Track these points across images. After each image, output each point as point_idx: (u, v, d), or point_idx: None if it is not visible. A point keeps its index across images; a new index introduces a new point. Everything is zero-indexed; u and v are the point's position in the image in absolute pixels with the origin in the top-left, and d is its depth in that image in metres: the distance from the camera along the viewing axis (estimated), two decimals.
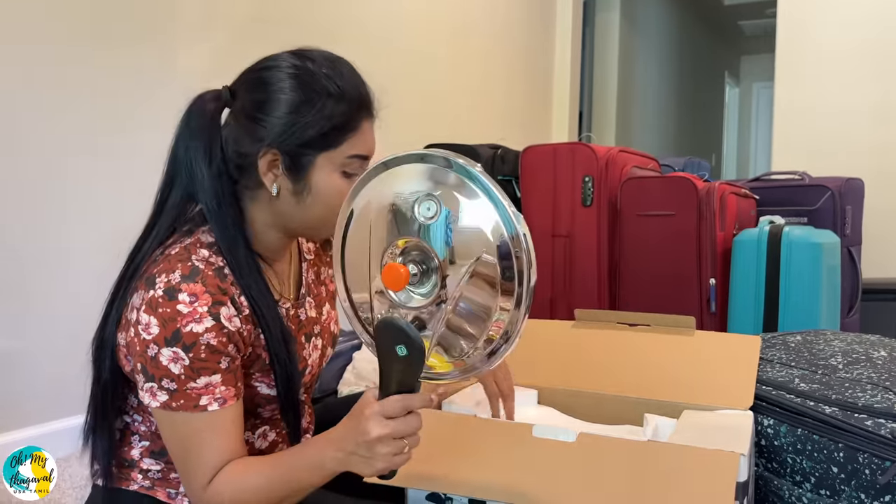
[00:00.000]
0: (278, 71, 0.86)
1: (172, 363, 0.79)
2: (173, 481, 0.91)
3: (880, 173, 2.84)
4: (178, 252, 0.84)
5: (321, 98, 0.84)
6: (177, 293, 0.80)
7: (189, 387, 0.80)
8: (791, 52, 3.09)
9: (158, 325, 0.79)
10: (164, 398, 0.80)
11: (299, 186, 0.86)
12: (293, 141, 0.83)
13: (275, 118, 0.83)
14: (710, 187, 1.93)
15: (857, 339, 1.31)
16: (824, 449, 1.00)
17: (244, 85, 0.89)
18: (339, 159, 0.86)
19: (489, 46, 3.21)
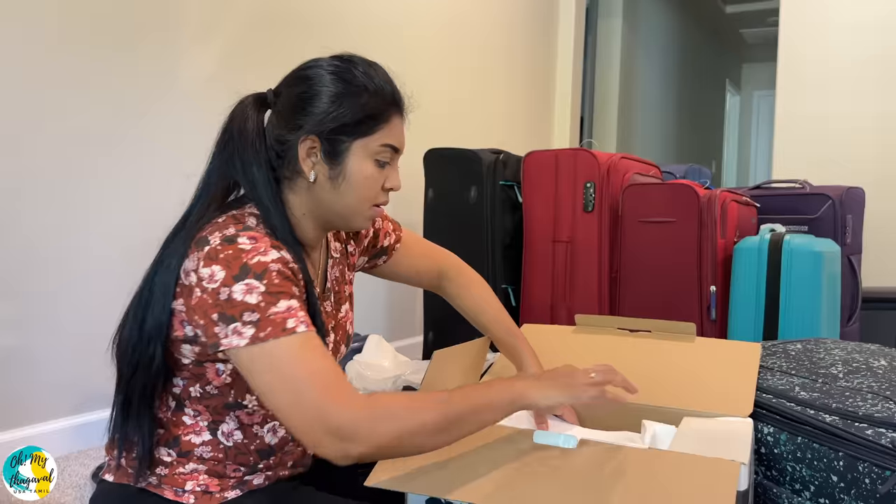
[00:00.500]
0: (318, 69, 0.94)
1: (248, 295, 0.80)
2: (179, 478, 0.91)
3: (881, 182, 2.85)
4: (225, 219, 0.88)
5: (357, 91, 0.92)
6: (235, 238, 0.83)
7: (271, 312, 0.80)
8: (793, 60, 3.10)
9: (223, 268, 0.81)
10: (251, 331, 0.79)
11: (335, 172, 0.92)
12: (331, 126, 0.90)
13: (315, 108, 0.91)
14: (712, 195, 1.93)
15: (857, 348, 1.31)
16: (824, 457, 1.00)
17: (286, 83, 0.96)
18: (372, 147, 0.93)
19: (491, 52, 3.21)
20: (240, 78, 1.94)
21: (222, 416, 0.91)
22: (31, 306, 1.53)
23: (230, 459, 0.92)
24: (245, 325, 0.79)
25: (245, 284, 0.80)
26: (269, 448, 0.95)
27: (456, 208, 2.24)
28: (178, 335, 0.87)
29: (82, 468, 1.48)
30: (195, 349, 0.88)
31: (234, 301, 0.80)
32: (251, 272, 0.80)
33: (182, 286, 0.85)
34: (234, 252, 0.82)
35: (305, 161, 0.92)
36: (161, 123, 1.76)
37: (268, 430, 0.94)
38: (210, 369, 0.89)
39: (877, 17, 2.93)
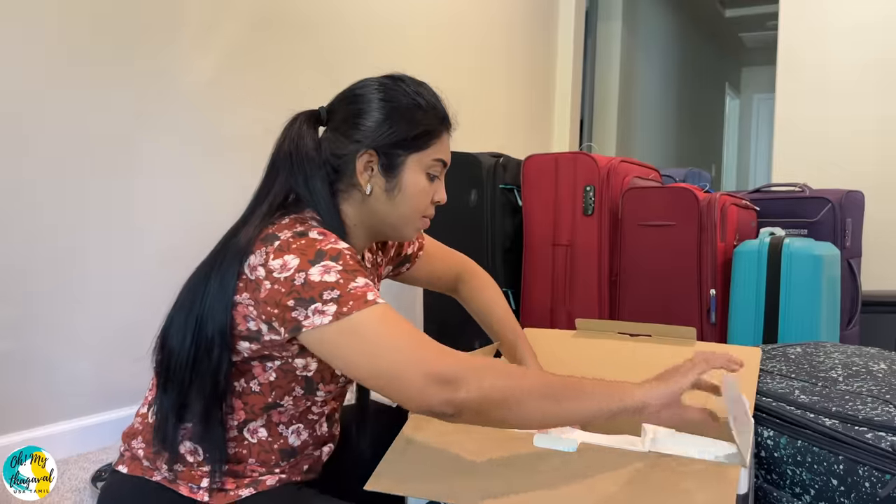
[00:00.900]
0: (371, 87, 0.99)
1: (326, 274, 0.83)
2: (196, 474, 0.92)
3: (880, 186, 2.85)
4: (290, 221, 0.91)
5: (412, 108, 0.98)
6: (306, 232, 0.88)
7: (351, 287, 0.83)
8: (792, 64, 3.10)
9: (297, 256, 0.84)
10: (333, 308, 0.82)
11: (391, 184, 0.98)
12: (388, 141, 0.96)
13: (372, 123, 0.96)
14: (712, 198, 1.93)
15: (857, 352, 1.31)
16: (824, 461, 1.00)
17: (341, 102, 1.00)
18: (425, 161, 0.99)
19: (490, 55, 3.22)
20: (240, 80, 1.95)
21: (256, 416, 0.93)
22: (31, 308, 1.53)
23: (253, 456, 0.94)
24: (326, 304, 0.82)
25: (322, 266, 0.83)
26: (292, 449, 0.97)
27: (456, 212, 2.25)
28: (241, 330, 0.88)
29: (82, 472, 1.48)
30: (252, 347, 0.89)
31: (311, 283, 0.82)
32: (326, 255, 0.85)
33: (246, 281, 0.87)
34: (307, 242, 0.86)
35: (362, 174, 0.96)
36: (161, 125, 1.76)
37: (292, 431, 0.96)
38: (257, 367, 0.91)
39: (876, 21, 2.93)
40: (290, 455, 0.97)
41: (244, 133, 1.94)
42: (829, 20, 3.02)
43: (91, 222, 1.63)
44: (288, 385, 0.93)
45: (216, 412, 0.90)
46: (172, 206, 1.79)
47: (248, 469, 0.94)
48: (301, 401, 0.96)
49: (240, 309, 0.88)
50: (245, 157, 1.92)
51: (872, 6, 2.94)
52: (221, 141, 1.90)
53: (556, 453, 0.88)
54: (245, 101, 1.96)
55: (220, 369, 0.88)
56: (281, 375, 0.92)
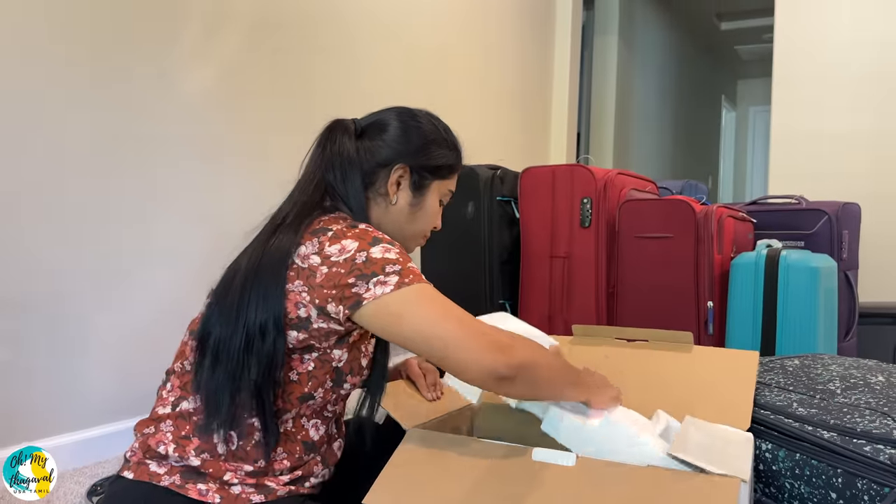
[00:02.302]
0: (411, 116, 1.11)
1: (387, 252, 0.91)
2: (223, 468, 0.93)
3: (877, 198, 2.86)
4: (335, 216, 0.99)
5: (448, 143, 1.12)
6: (357, 224, 0.97)
7: (410, 266, 0.92)
8: (787, 76, 3.12)
9: (355, 240, 0.92)
10: (395, 279, 0.89)
11: (416, 201, 1.09)
12: (423, 163, 1.08)
13: (411, 144, 1.08)
14: (708, 210, 1.94)
15: (854, 364, 1.31)
16: (823, 474, 1.00)
17: (377, 121, 1.10)
18: (443, 189, 1.13)
19: (487, 68, 3.23)
20: (248, 80, 1.95)
21: (292, 407, 0.97)
22: (29, 321, 1.52)
23: (280, 445, 0.97)
24: (388, 276, 0.89)
25: (382, 246, 0.92)
26: (312, 443, 1.00)
27: (453, 224, 2.25)
28: (291, 318, 0.92)
29: (77, 486, 1.47)
30: (299, 336, 0.93)
31: (373, 259, 0.90)
32: (383, 240, 0.93)
33: (297, 270, 0.92)
34: (362, 231, 0.94)
35: (392, 185, 1.07)
36: (161, 134, 1.77)
37: (312, 424, 1.01)
38: (296, 359, 0.95)
39: (871, 35, 2.95)
40: (312, 449, 1.01)
41: (245, 137, 1.94)
42: (825, 33, 3.04)
43: (91, 231, 1.63)
44: (323, 376, 0.97)
45: (268, 393, 0.93)
46: (174, 217, 1.79)
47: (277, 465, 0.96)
48: (329, 393, 1.00)
49: (291, 297, 0.92)
50: (247, 160, 1.92)
51: (867, 19, 2.96)
52: (222, 144, 1.90)
53: (555, 467, 0.88)
54: (246, 104, 1.96)
55: (276, 351, 0.92)
56: (318, 366, 0.96)
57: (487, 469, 0.90)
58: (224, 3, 1.92)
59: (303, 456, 0.99)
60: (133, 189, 1.71)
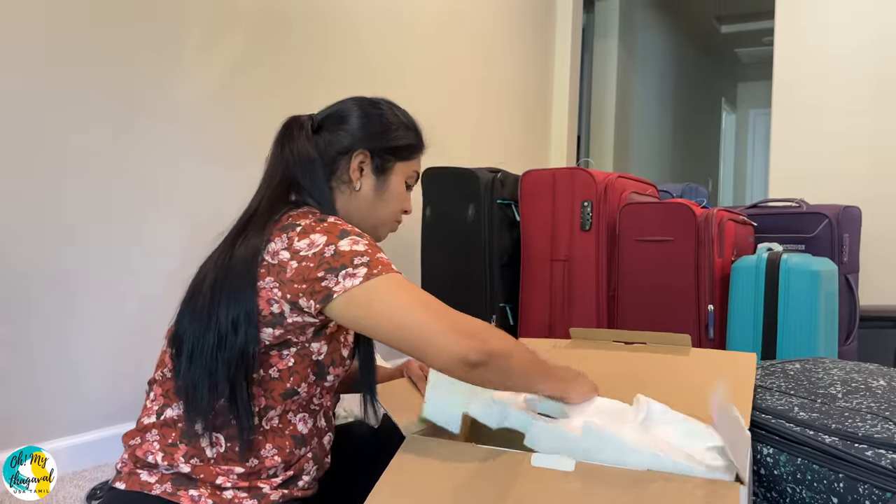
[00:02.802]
0: (366, 103, 1.11)
1: (355, 245, 0.91)
2: (214, 472, 0.92)
3: (877, 201, 2.86)
4: (303, 211, 0.99)
5: (406, 124, 1.13)
6: (325, 218, 0.96)
7: (378, 256, 0.91)
8: (788, 79, 3.12)
9: (323, 234, 0.92)
10: (364, 270, 0.89)
11: (380, 184, 1.09)
12: (383, 145, 1.09)
13: (369, 129, 1.08)
14: (709, 214, 1.94)
15: (855, 368, 1.31)
16: (824, 479, 0.99)
17: (334, 112, 1.11)
18: (408, 171, 1.13)
19: (488, 71, 3.23)
20: (250, 79, 1.95)
21: (276, 404, 0.97)
22: (28, 326, 1.52)
23: (269, 441, 0.97)
24: (357, 268, 0.89)
25: (350, 239, 0.92)
26: (301, 436, 1.00)
27: (454, 226, 2.25)
28: (265, 315, 0.92)
29: (77, 490, 1.46)
30: (275, 332, 0.93)
31: (341, 252, 0.90)
32: (352, 233, 0.93)
33: (268, 266, 0.92)
34: (330, 224, 0.94)
35: (354, 172, 1.07)
36: (161, 139, 1.76)
37: (299, 419, 1.00)
38: (275, 356, 0.95)
39: (871, 37, 2.95)
40: (301, 443, 1.00)
41: (247, 138, 1.94)
42: (825, 36, 3.04)
43: (92, 234, 1.62)
44: (304, 370, 0.97)
45: (242, 388, 0.93)
46: (175, 222, 1.79)
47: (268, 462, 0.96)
48: (313, 387, 1.00)
49: (263, 294, 0.92)
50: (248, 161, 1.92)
51: (867, 22, 2.96)
52: (223, 145, 1.90)
53: (554, 473, 0.88)
54: (248, 105, 1.96)
55: (248, 342, 0.92)
56: (298, 360, 0.96)
57: (486, 476, 0.89)
58: (227, 5, 1.92)
59: (293, 451, 0.99)
60: (134, 191, 1.71)
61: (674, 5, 5.65)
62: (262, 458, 0.96)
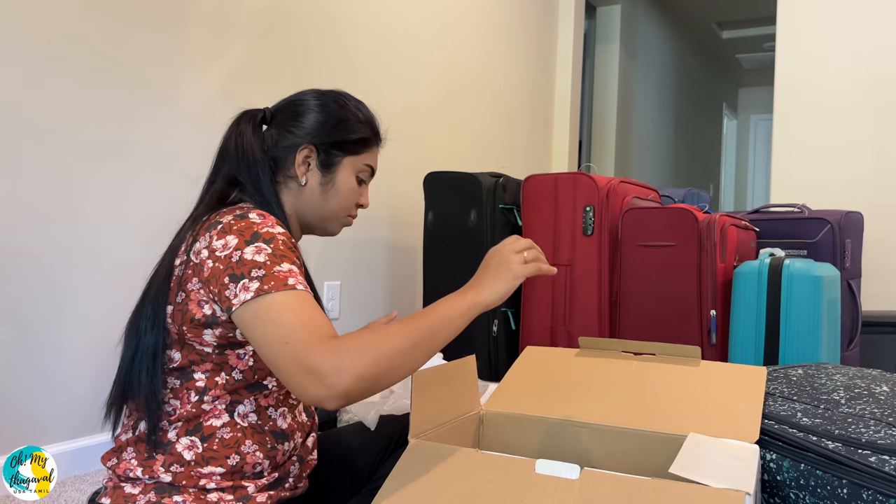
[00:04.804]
0: (318, 93, 1.11)
1: (256, 255, 0.89)
2: (196, 475, 0.92)
3: (879, 207, 2.86)
4: (231, 209, 0.97)
5: (354, 117, 1.10)
6: (246, 214, 0.94)
7: (276, 270, 0.88)
8: (790, 85, 3.12)
9: (236, 236, 0.91)
10: (256, 285, 0.86)
11: (326, 180, 1.08)
12: (329, 140, 1.07)
13: (316, 123, 1.08)
14: (711, 219, 1.94)
15: (858, 374, 1.31)
16: (828, 485, 0.99)
17: (287, 104, 1.11)
18: (358, 165, 1.11)
19: (490, 76, 3.24)
20: (250, 85, 1.95)
21: (242, 397, 0.96)
22: (29, 329, 1.52)
23: (248, 437, 0.96)
24: (252, 280, 0.86)
25: (255, 247, 0.89)
26: (282, 432, 0.99)
27: (456, 231, 2.25)
28: (198, 318, 0.92)
29: (78, 494, 1.46)
30: (216, 332, 0.92)
31: (244, 260, 0.88)
32: (261, 238, 0.90)
33: (193, 266, 0.92)
34: (247, 224, 0.92)
35: (300, 167, 1.07)
36: (165, 141, 1.77)
37: (279, 413, 1.00)
38: (231, 356, 0.94)
39: (873, 43, 2.96)
40: (283, 438, 0.99)
41: None
42: (826, 42, 3.05)
43: (94, 238, 1.63)
44: (266, 366, 0.96)
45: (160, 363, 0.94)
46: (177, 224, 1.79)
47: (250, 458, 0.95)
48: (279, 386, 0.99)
49: (192, 296, 0.92)
50: None
51: (869, 28, 2.97)
52: None
53: (558, 480, 0.88)
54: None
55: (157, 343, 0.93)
56: (258, 358, 0.95)
57: (489, 482, 0.89)
58: (228, 8, 1.93)
59: (275, 446, 0.98)
60: (134, 193, 1.71)
61: (675, 11, 5.66)
62: (243, 454, 0.95)
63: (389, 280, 2.62)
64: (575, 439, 1.13)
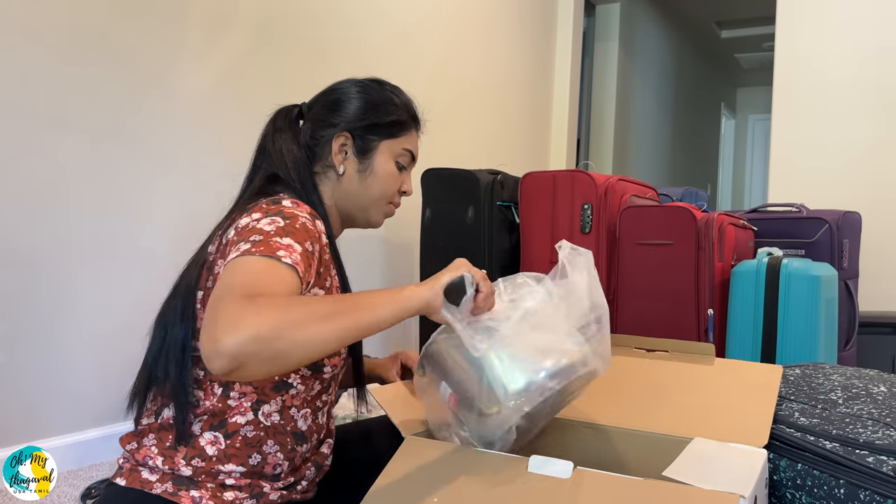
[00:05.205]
0: (352, 82, 1.09)
1: (267, 225, 0.87)
2: (216, 471, 0.92)
3: (877, 207, 2.86)
4: (267, 199, 0.96)
5: (388, 100, 1.08)
6: (280, 200, 0.93)
7: (273, 240, 0.84)
8: (789, 85, 3.12)
9: (262, 213, 0.90)
10: (246, 247, 0.82)
11: (363, 166, 1.06)
12: (364, 124, 1.06)
13: (349, 110, 1.06)
14: (709, 218, 1.93)
15: (856, 374, 1.30)
16: (825, 485, 0.99)
17: (321, 95, 1.10)
18: (396, 149, 1.08)
19: (488, 74, 3.23)
20: (251, 79, 1.95)
21: (268, 398, 0.95)
22: (23, 324, 1.51)
23: (271, 438, 0.95)
24: (245, 243, 0.83)
25: (271, 219, 0.88)
26: (301, 433, 0.99)
27: (453, 228, 2.24)
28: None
29: (71, 489, 1.45)
30: None
31: (254, 228, 0.86)
32: (281, 213, 0.89)
33: (221, 249, 0.91)
34: (277, 207, 0.91)
35: (337, 155, 1.05)
36: (159, 137, 1.76)
37: (302, 414, 0.99)
38: None
39: (872, 43, 2.95)
40: (302, 440, 0.99)
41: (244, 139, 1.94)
42: (825, 42, 3.05)
43: (91, 233, 1.62)
44: None
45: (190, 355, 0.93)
46: (175, 220, 1.78)
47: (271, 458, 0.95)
48: (310, 380, 0.98)
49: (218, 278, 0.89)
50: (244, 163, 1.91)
51: (868, 28, 2.97)
52: (219, 148, 1.90)
53: (550, 479, 0.87)
54: (247, 108, 1.96)
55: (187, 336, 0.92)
56: None
57: (482, 480, 0.88)
58: (227, 5, 1.92)
59: (295, 447, 0.98)
60: (131, 189, 1.70)
61: (674, 10, 5.65)
62: (264, 454, 0.95)
63: (386, 277, 2.61)
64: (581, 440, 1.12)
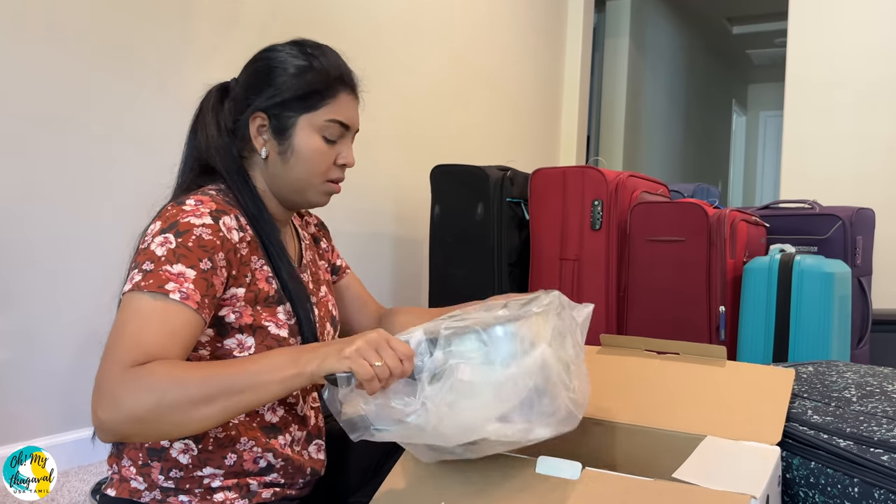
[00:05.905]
0: (269, 52, 1.00)
1: (160, 247, 0.84)
2: (196, 479, 0.91)
3: (891, 204, 2.83)
4: (186, 196, 0.92)
5: (302, 69, 0.96)
6: (185, 200, 0.89)
7: (164, 268, 0.82)
8: (801, 81, 3.09)
9: (161, 223, 0.87)
10: (139, 278, 0.82)
11: (284, 147, 0.97)
12: (277, 101, 0.95)
13: (263, 86, 0.96)
14: (721, 214, 1.92)
15: (870, 372, 1.29)
16: (838, 483, 0.98)
17: (244, 69, 1.02)
18: (318, 122, 0.97)
19: (499, 69, 3.22)
20: None
21: None
22: (27, 319, 1.52)
23: (242, 434, 0.93)
24: (138, 273, 0.82)
25: (164, 237, 0.84)
26: (272, 426, 0.96)
27: (462, 225, 2.23)
28: None
29: (81, 484, 1.46)
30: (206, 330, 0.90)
31: (148, 250, 0.84)
32: (175, 228, 0.85)
33: (131, 265, 0.89)
34: (176, 212, 0.87)
35: (257, 138, 0.97)
36: (160, 137, 1.76)
37: (268, 409, 0.96)
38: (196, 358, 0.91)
39: (885, 39, 2.93)
40: (275, 431, 0.96)
41: None
42: (838, 38, 3.02)
43: (91, 231, 1.62)
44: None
45: None
46: None
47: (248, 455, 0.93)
48: None
49: None
50: None
51: (881, 24, 2.94)
52: None
53: (558, 480, 0.86)
54: None
55: None
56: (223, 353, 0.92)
57: (490, 482, 0.88)
58: (232, 4, 1.92)
59: (269, 439, 0.95)
60: (130, 187, 1.71)
61: (685, 5, 5.61)
62: (239, 451, 0.93)
63: (395, 274, 2.61)
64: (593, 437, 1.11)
